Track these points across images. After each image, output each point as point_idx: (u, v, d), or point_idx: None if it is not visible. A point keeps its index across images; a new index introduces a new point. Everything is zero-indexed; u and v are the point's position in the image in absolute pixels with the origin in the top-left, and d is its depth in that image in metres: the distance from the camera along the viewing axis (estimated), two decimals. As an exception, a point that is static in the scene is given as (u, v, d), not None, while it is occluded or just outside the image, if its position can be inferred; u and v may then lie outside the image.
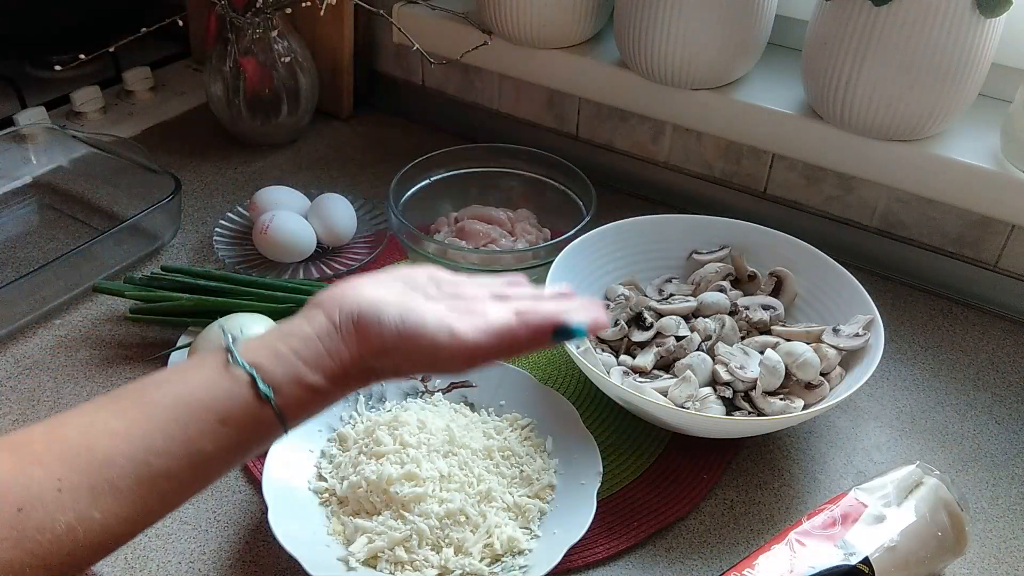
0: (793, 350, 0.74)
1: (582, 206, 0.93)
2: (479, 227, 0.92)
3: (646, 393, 0.70)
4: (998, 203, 0.83)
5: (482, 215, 0.94)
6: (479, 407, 0.75)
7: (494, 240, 0.91)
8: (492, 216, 0.94)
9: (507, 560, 0.63)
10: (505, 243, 0.91)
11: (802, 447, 0.76)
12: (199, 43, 1.26)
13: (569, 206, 0.94)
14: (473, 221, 0.93)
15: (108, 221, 0.97)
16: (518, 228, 0.94)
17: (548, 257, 0.83)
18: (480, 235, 0.91)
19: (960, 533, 0.62)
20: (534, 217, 0.97)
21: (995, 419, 0.79)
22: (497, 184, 0.98)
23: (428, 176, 0.96)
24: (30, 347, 0.82)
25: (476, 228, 0.92)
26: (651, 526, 0.68)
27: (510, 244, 0.91)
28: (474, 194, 0.98)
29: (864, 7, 0.79)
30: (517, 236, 0.93)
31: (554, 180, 0.97)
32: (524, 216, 0.96)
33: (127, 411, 0.46)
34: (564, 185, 0.96)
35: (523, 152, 0.98)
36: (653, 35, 0.90)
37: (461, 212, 0.96)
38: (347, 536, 0.64)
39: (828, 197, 0.97)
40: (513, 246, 0.91)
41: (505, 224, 0.94)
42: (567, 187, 0.96)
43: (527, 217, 0.96)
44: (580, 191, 0.94)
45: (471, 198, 0.98)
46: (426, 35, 1.05)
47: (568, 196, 0.95)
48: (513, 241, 0.92)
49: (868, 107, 0.83)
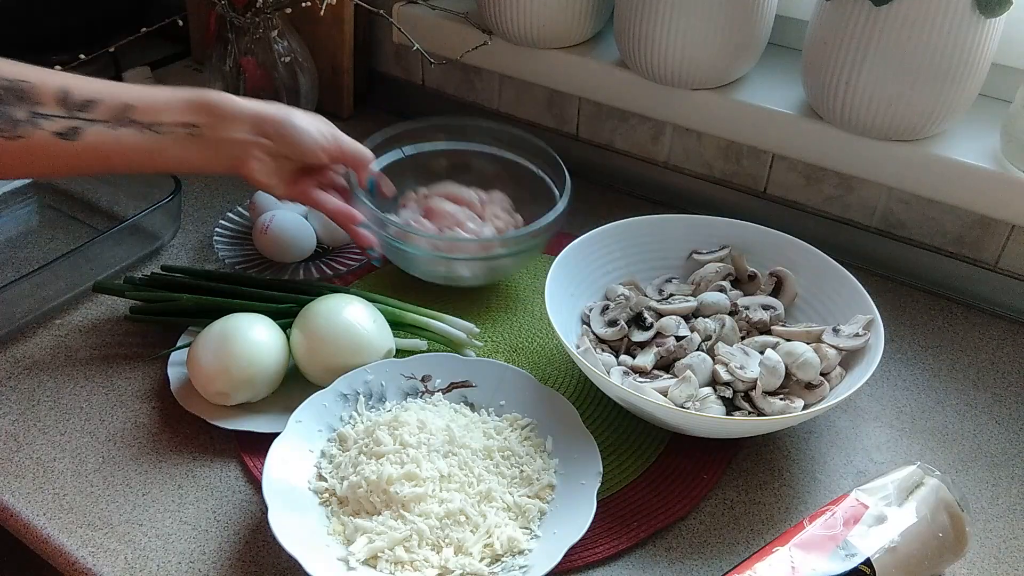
0: (793, 350, 0.74)
1: (556, 193, 0.88)
2: (447, 207, 0.88)
3: (646, 393, 0.70)
4: (998, 203, 0.83)
5: (452, 194, 0.90)
6: (479, 407, 0.75)
7: (460, 223, 0.87)
8: (461, 196, 0.90)
9: (507, 560, 0.63)
10: (472, 227, 0.87)
11: (802, 447, 0.76)
12: (199, 43, 1.26)
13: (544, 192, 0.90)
14: (441, 200, 0.89)
15: (108, 221, 0.97)
16: (488, 211, 0.89)
17: (514, 247, 0.81)
18: (446, 216, 0.87)
19: (961, 534, 0.62)
20: (509, 202, 0.92)
21: (995, 419, 0.79)
22: (470, 164, 0.94)
23: (397, 148, 0.93)
24: (30, 347, 0.82)
25: (443, 208, 0.88)
26: (651, 526, 0.68)
27: (477, 228, 0.87)
28: (445, 173, 0.94)
29: (864, 7, 0.79)
30: (486, 219, 0.89)
31: (529, 163, 0.93)
32: (497, 199, 0.92)
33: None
34: (539, 169, 0.92)
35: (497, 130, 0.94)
36: (653, 35, 0.90)
37: (431, 189, 0.92)
38: (347, 536, 0.64)
39: (828, 197, 0.97)
40: (479, 231, 0.87)
41: (475, 206, 0.89)
42: (542, 171, 0.92)
43: (501, 200, 0.92)
44: (554, 176, 0.90)
45: (442, 177, 0.93)
46: (426, 35, 1.05)
47: (542, 182, 0.91)
48: (481, 225, 0.88)
49: (868, 107, 0.83)
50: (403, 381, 0.76)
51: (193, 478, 0.71)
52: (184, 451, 0.73)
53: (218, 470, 0.72)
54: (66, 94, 0.66)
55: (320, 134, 0.78)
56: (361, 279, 0.92)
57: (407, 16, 1.08)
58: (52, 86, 0.66)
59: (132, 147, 0.69)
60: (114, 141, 0.68)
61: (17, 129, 0.64)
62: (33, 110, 0.64)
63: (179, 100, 0.71)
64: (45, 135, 0.65)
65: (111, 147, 0.68)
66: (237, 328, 0.74)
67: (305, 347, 0.76)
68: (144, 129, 0.69)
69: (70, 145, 0.66)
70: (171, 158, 0.72)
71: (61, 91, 0.66)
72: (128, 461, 0.72)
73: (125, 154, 0.70)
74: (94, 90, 0.67)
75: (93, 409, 0.77)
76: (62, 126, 0.66)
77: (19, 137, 0.64)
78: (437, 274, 0.87)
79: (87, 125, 0.67)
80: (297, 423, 0.71)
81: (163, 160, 0.72)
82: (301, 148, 0.77)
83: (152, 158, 0.71)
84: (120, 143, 0.69)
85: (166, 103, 0.71)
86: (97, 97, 0.67)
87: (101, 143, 0.68)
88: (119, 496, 0.69)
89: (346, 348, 0.75)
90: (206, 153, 0.73)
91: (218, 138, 0.73)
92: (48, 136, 0.65)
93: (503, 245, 0.83)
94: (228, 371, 0.72)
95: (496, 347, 0.85)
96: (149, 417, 0.76)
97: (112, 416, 0.76)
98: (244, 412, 0.75)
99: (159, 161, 0.72)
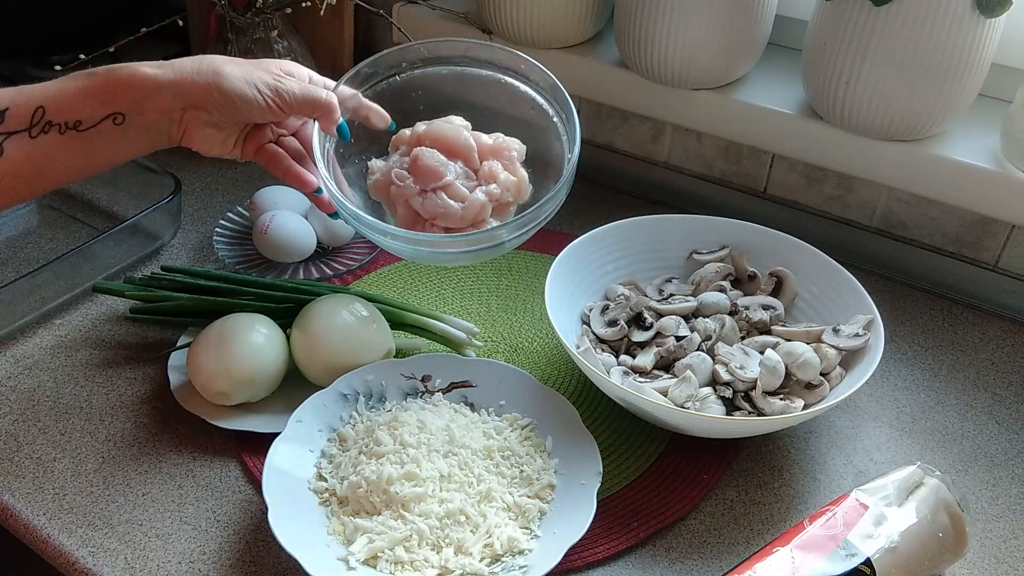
0: (793, 350, 0.74)
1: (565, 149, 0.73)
2: (436, 160, 0.71)
3: (646, 393, 0.70)
4: (998, 203, 0.83)
5: (447, 141, 0.72)
6: (479, 407, 0.75)
7: (446, 186, 0.71)
8: (459, 145, 0.72)
9: (507, 560, 0.63)
10: (460, 189, 0.71)
11: (802, 447, 0.76)
12: (199, 43, 1.26)
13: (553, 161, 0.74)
14: (430, 152, 0.72)
15: (108, 221, 0.97)
16: (486, 168, 0.72)
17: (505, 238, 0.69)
18: (432, 174, 0.71)
19: (961, 534, 0.62)
20: (522, 151, 0.75)
21: (995, 419, 0.79)
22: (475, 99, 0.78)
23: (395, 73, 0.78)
24: (30, 347, 0.82)
25: (430, 163, 0.71)
26: (651, 526, 0.68)
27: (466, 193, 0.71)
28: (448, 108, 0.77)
29: (864, 7, 0.79)
30: (482, 181, 0.72)
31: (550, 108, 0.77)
32: (502, 149, 0.74)
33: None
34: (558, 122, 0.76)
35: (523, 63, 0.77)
36: (653, 35, 0.90)
37: (428, 127, 0.74)
38: (347, 536, 0.64)
39: (828, 197, 0.97)
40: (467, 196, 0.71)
41: (471, 159, 0.73)
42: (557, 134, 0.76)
43: (506, 151, 0.74)
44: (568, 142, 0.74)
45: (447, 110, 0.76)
46: (426, 35, 1.05)
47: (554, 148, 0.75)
48: (473, 187, 0.72)
49: (868, 107, 0.83)
50: (403, 381, 0.76)
51: (193, 478, 0.71)
52: (184, 451, 0.73)
53: (218, 470, 0.72)
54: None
55: (257, 91, 0.67)
56: (361, 279, 0.92)
57: (407, 16, 1.08)
58: None
59: (61, 154, 0.63)
60: (40, 151, 0.62)
61: None
62: None
63: (93, 89, 0.63)
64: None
65: (38, 158, 0.62)
66: (237, 328, 0.74)
67: (305, 347, 0.76)
68: (67, 130, 0.62)
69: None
70: (105, 154, 0.65)
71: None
72: (128, 461, 0.72)
73: (56, 163, 0.63)
74: (3, 99, 0.61)
75: (93, 409, 0.77)
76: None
77: None
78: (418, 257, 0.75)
79: (4, 139, 0.61)
80: (297, 423, 0.71)
81: (99, 159, 0.65)
82: (236, 113, 0.67)
83: (87, 159, 0.64)
84: (46, 152, 0.62)
85: (81, 96, 0.63)
86: (7, 105, 0.61)
87: (26, 156, 0.61)
88: (119, 496, 0.69)
89: (346, 348, 0.75)
90: (141, 139, 0.66)
91: (147, 121, 0.65)
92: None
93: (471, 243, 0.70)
94: (228, 371, 0.72)
95: (496, 347, 0.85)
96: (149, 417, 0.76)
97: (112, 416, 0.76)
98: (244, 412, 0.75)
99: (95, 161, 0.65)
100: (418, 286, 0.91)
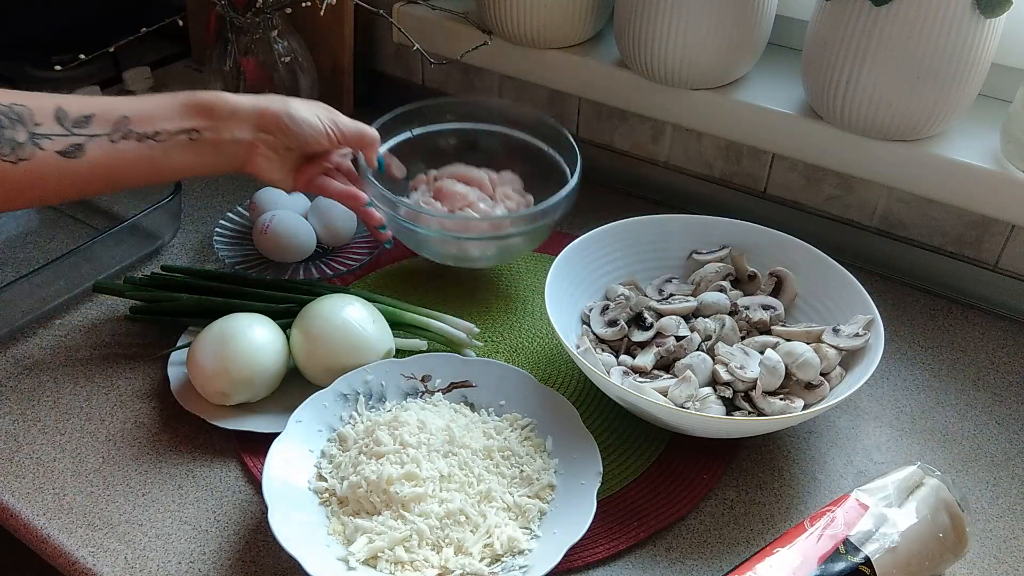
0: (793, 350, 0.74)
1: (567, 171, 0.87)
2: (457, 188, 0.88)
3: (646, 393, 0.70)
4: (998, 203, 0.83)
5: (462, 175, 0.90)
6: (479, 407, 0.75)
7: (471, 203, 0.87)
8: (472, 177, 0.90)
9: (507, 560, 0.63)
10: (483, 207, 0.87)
11: (802, 447, 0.76)
12: (199, 43, 1.26)
13: (554, 172, 0.89)
14: (452, 181, 0.89)
15: (108, 221, 0.97)
16: (499, 192, 0.90)
17: (525, 226, 0.81)
18: (457, 196, 0.87)
19: (961, 534, 0.62)
20: (519, 182, 0.92)
21: (995, 419, 0.79)
22: (479, 144, 0.94)
23: (408, 130, 0.93)
24: (30, 347, 0.82)
25: (454, 189, 0.88)
26: (651, 526, 0.68)
27: (488, 209, 0.87)
28: (454, 154, 0.94)
29: (864, 7, 0.79)
30: (497, 200, 0.89)
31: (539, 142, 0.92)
32: (508, 180, 0.92)
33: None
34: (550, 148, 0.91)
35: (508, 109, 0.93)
36: (653, 35, 0.90)
37: (441, 171, 0.92)
38: (347, 536, 0.64)
39: (828, 197, 0.97)
40: (490, 212, 0.87)
41: (486, 187, 0.89)
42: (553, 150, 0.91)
43: (511, 181, 0.92)
44: (564, 155, 0.89)
45: (452, 158, 0.93)
46: (426, 35, 1.05)
47: (553, 161, 0.90)
48: (492, 205, 0.88)
49: (868, 107, 0.83)
50: (403, 381, 0.76)
51: (193, 478, 0.71)
52: (184, 451, 0.73)
53: (218, 470, 0.72)
54: (62, 112, 0.66)
55: (320, 120, 0.77)
56: (361, 279, 0.92)
57: (407, 16, 1.08)
58: (48, 106, 0.65)
59: (135, 159, 0.69)
60: (117, 155, 0.68)
61: (19, 151, 0.63)
62: (32, 131, 0.64)
63: (175, 106, 0.71)
64: (47, 155, 0.65)
65: (115, 161, 0.68)
66: (237, 328, 0.74)
67: (305, 347, 0.76)
68: (144, 139, 0.69)
69: (74, 163, 0.66)
70: (175, 166, 0.72)
71: (57, 110, 0.66)
72: (128, 461, 0.72)
73: (129, 167, 0.69)
74: (89, 105, 0.67)
75: (93, 409, 0.77)
76: (63, 144, 0.65)
77: (22, 160, 0.64)
78: (448, 255, 0.87)
79: (87, 140, 0.66)
80: (297, 423, 0.71)
81: (168, 169, 0.72)
82: (303, 138, 0.76)
83: (156, 168, 0.71)
84: (123, 157, 0.68)
85: (163, 110, 0.71)
86: (93, 112, 0.67)
87: (104, 158, 0.67)
88: (119, 496, 0.69)
89: (346, 348, 0.75)
90: (210, 157, 0.73)
91: (220, 140, 0.72)
92: (51, 156, 0.65)
93: (514, 224, 0.83)
94: (228, 371, 0.72)
95: (496, 347, 0.85)
96: (149, 417, 0.76)
97: (112, 416, 0.76)
98: (244, 412, 0.75)
99: (164, 170, 0.72)
100: (418, 286, 0.91)
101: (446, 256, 0.87)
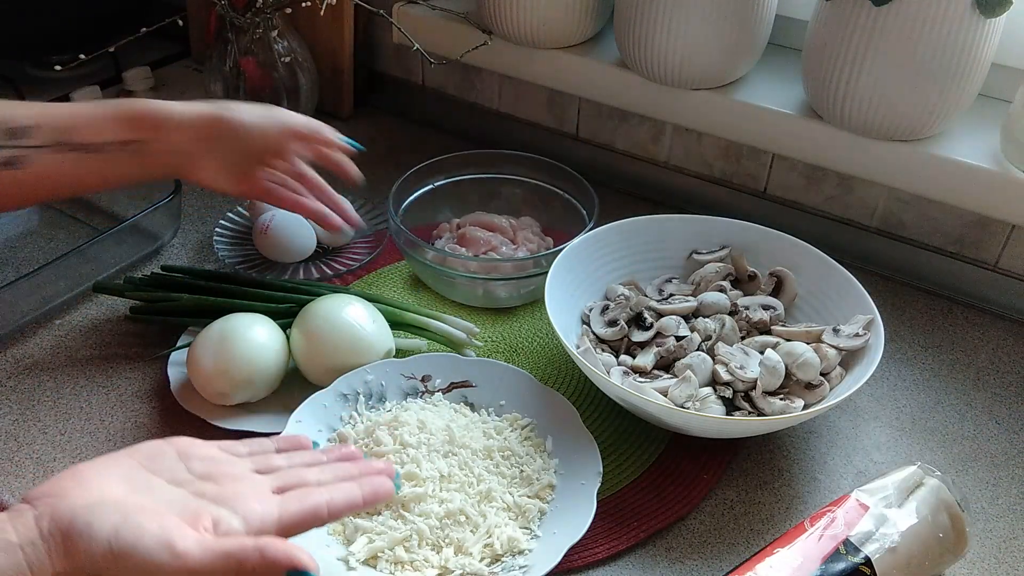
0: (793, 350, 0.74)
1: (584, 214, 0.91)
2: (480, 234, 0.92)
3: (646, 393, 0.70)
4: (998, 203, 0.83)
5: (484, 222, 0.94)
6: (479, 407, 0.75)
7: (495, 248, 0.90)
8: (494, 223, 0.94)
9: (507, 560, 0.63)
10: (506, 251, 0.91)
11: (802, 447, 0.76)
12: (199, 43, 1.26)
13: (572, 214, 0.93)
14: (475, 228, 0.93)
15: (108, 221, 0.97)
16: (520, 236, 0.93)
17: (548, 266, 0.82)
18: (481, 242, 0.91)
19: (961, 534, 0.62)
20: (537, 225, 0.96)
21: (995, 419, 0.79)
22: (499, 191, 0.98)
23: (431, 182, 0.96)
24: (30, 347, 0.82)
25: (477, 235, 0.91)
26: (651, 526, 0.68)
27: (511, 252, 0.91)
28: (476, 200, 0.98)
29: (864, 7, 0.79)
30: (519, 244, 0.92)
31: (557, 187, 0.96)
32: (527, 224, 0.96)
33: None
34: (567, 192, 0.95)
35: (526, 159, 0.97)
36: (653, 35, 0.90)
37: (464, 219, 0.96)
38: (347, 536, 0.64)
39: (828, 197, 0.97)
40: (513, 254, 0.90)
41: (507, 232, 0.93)
42: (570, 194, 0.95)
43: (530, 225, 0.96)
44: (583, 198, 0.93)
45: (473, 205, 0.97)
46: (426, 35, 1.05)
47: (571, 204, 0.94)
48: (514, 249, 0.91)
49: (868, 107, 0.83)
50: (403, 381, 0.76)
51: (193, 478, 0.71)
52: (184, 451, 0.73)
53: (218, 470, 0.72)
54: (4, 123, 0.65)
55: (264, 123, 0.75)
56: (361, 279, 0.92)
57: (407, 16, 1.08)
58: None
59: (77, 171, 0.68)
60: (59, 167, 0.67)
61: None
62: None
63: (115, 116, 0.69)
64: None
65: (57, 173, 0.68)
66: (237, 328, 0.74)
67: (305, 347, 0.76)
68: (86, 151, 0.68)
69: (18, 173, 0.65)
70: (115, 176, 0.71)
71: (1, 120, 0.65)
72: (128, 461, 0.72)
73: (71, 178, 0.69)
74: (30, 116, 0.66)
75: (93, 409, 0.77)
76: (5, 156, 0.65)
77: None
78: (475, 296, 0.88)
79: (30, 152, 0.65)
80: (297, 423, 0.71)
81: (114, 177, 0.71)
82: (251, 140, 0.74)
83: (98, 179, 0.70)
84: (64, 169, 0.68)
85: (103, 120, 0.69)
86: (34, 123, 0.66)
87: (46, 170, 0.67)
88: (119, 496, 0.69)
89: (346, 348, 0.75)
90: (150, 168, 0.72)
91: (160, 150, 0.71)
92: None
93: (536, 264, 0.85)
94: (228, 371, 0.72)
95: (496, 347, 0.85)
96: (149, 417, 0.76)
97: (112, 416, 0.76)
98: (244, 412, 0.75)
99: (105, 181, 0.71)
100: (418, 286, 0.91)
101: (473, 298, 0.89)
